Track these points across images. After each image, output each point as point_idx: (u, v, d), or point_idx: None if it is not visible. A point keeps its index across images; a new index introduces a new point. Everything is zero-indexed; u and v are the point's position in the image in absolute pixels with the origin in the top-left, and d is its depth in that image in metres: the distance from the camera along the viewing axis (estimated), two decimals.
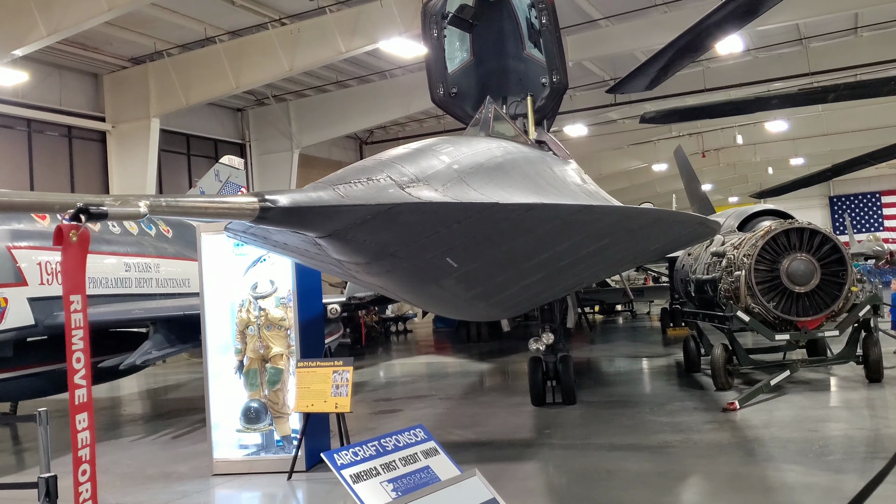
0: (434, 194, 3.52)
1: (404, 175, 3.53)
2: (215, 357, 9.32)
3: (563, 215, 3.92)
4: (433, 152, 3.95)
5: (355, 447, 3.12)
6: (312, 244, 3.40)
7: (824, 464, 7.64)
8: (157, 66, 22.22)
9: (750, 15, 8.34)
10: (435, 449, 3.36)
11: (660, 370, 15.75)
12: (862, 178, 51.52)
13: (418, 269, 3.90)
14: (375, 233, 3.42)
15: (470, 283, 4.33)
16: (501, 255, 4.08)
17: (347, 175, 3.38)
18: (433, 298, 4.84)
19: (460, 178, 3.79)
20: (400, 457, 3.10)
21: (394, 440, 3.19)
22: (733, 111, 18.56)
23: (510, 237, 3.85)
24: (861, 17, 24.50)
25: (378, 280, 4.05)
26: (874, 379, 11.89)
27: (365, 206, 3.14)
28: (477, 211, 3.45)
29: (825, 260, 11.52)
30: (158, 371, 21.18)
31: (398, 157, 3.73)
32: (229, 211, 2.99)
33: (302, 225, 3.18)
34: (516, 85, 9.15)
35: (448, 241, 3.67)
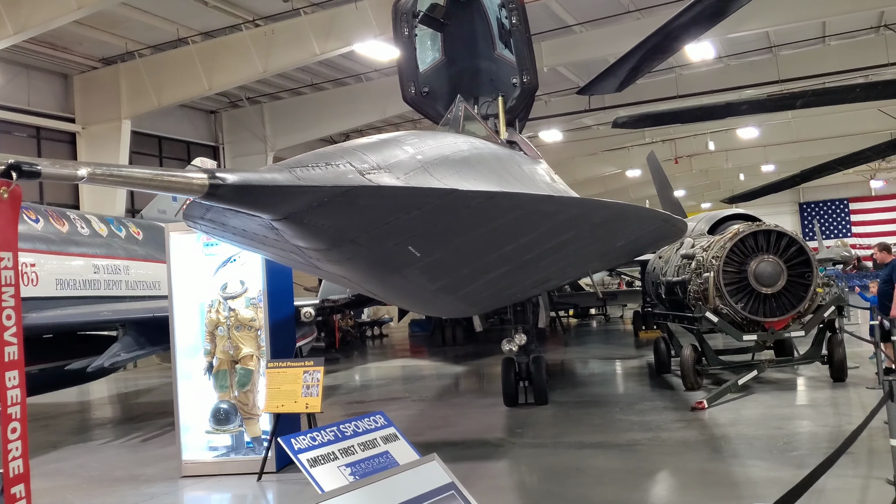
0: (395, 182, 3.51)
1: (365, 162, 3.51)
2: (184, 358, 9.26)
3: (525, 204, 3.95)
4: (397, 143, 3.96)
5: (313, 432, 3.12)
6: (270, 229, 3.39)
7: (788, 459, 7.77)
8: (128, 67, 21.99)
9: (717, 17, 8.47)
10: (395, 434, 3.37)
11: (631, 371, 15.87)
12: (831, 185, 52.36)
13: (380, 258, 3.90)
14: (333, 217, 3.40)
15: (434, 274, 4.34)
16: (464, 245, 4.09)
17: (306, 160, 3.36)
18: (398, 290, 4.85)
19: (424, 168, 3.80)
20: (359, 442, 3.11)
21: (353, 426, 3.20)
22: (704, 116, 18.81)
23: (472, 226, 3.87)
24: (829, 25, 24.92)
25: (340, 269, 4.05)
26: (838, 378, 12.09)
27: (321, 188, 3.12)
28: (437, 197, 3.45)
29: (791, 262, 11.70)
30: (129, 375, 20.98)
31: (360, 146, 3.72)
32: (177, 184, 2.91)
33: (254, 205, 3.14)
34: (487, 85, 9.21)
35: (409, 228, 3.66)
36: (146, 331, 12.01)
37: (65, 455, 10.60)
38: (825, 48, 26.69)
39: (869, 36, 25.69)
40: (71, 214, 13.71)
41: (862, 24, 24.96)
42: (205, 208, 3.34)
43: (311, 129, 27.21)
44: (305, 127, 27.04)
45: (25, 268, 11.78)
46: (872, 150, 25.96)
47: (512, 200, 3.85)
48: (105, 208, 19.43)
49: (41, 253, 12.17)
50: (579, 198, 4.79)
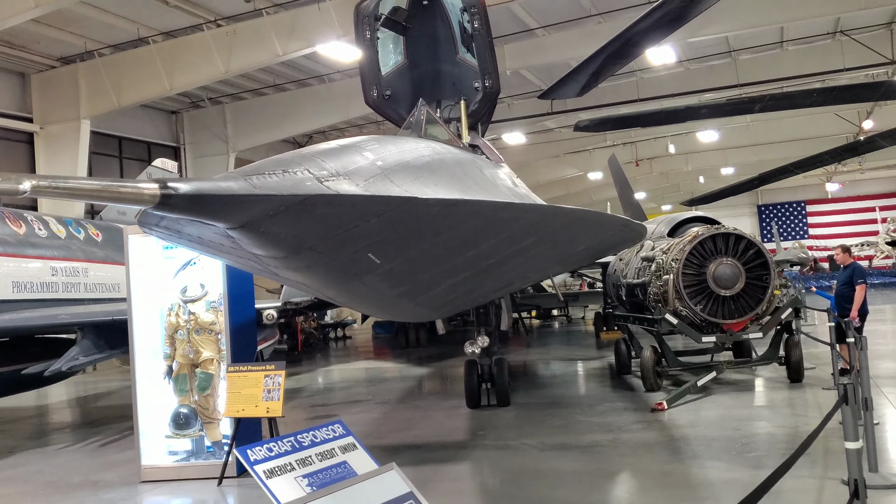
0: (354, 189, 3.48)
1: (324, 169, 3.48)
2: (144, 362, 9.14)
3: (485, 212, 3.96)
4: (357, 149, 3.94)
5: (270, 443, 3.10)
6: (226, 237, 3.35)
7: (745, 460, 7.90)
8: (87, 67, 21.59)
9: (676, 23, 8.59)
10: (353, 444, 3.36)
11: (592, 372, 16.02)
12: (788, 188, 53.38)
13: (339, 265, 3.88)
14: (290, 225, 3.37)
15: (394, 280, 4.34)
16: (424, 253, 4.09)
17: (263, 167, 3.32)
18: (358, 296, 4.83)
19: (384, 174, 3.78)
20: (316, 452, 3.10)
21: (311, 436, 3.18)
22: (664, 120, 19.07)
23: (432, 233, 3.86)
24: (786, 31, 25.38)
25: (299, 276, 4.02)
26: (795, 379, 12.33)
27: (277, 197, 3.08)
28: (396, 205, 3.43)
29: (749, 264, 11.92)
30: (88, 378, 20.64)
31: (319, 152, 3.69)
32: (126, 195, 2.82)
33: (208, 214, 3.09)
34: (450, 88, 9.23)
35: (368, 236, 3.64)
36: (105, 334, 11.81)
37: (21, 461, 10.40)
38: (783, 53, 27.17)
39: (825, 41, 26.23)
40: (28, 216, 13.46)
41: (819, 30, 25.48)
42: (159, 216, 3.29)
43: (273, 130, 26.99)
44: (268, 128, 26.81)
45: None
46: (829, 154, 26.59)
47: (472, 207, 3.86)
48: (64, 210, 19.05)
49: None
50: (539, 204, 4.82)
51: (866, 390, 7.15)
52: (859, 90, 20.50)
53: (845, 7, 21.61)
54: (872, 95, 19.99)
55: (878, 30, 25.04)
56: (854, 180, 54.17)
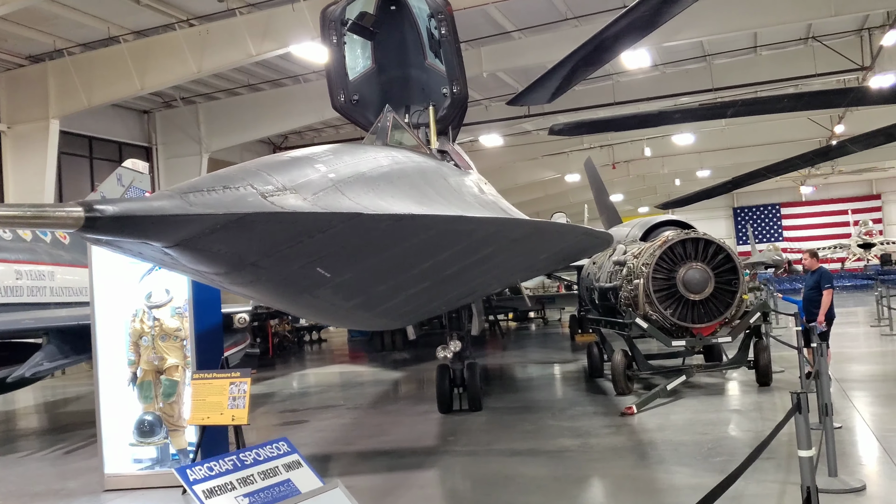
0: (301, 203, 3.40)
1: (269, 184, 3.39)
2: (108, 369, 9.01)
3: (437, 225, 3.90)
4: (309, 161, 3.86)
5: (211, 461, 3.03)
6: (164, 254, 3.28)
7: (711, 465, 7.92)
8: (56, 65, 21.32)
9: (649, 27, 8.59)
10: (297, 461, 3.30)
11: (565, 375, 16.04)
12: (763, 191, 53.92)
13: (286, 280, 3.80)
14: (229, 243, 3.29)
15: (347, 293, 4.28)
16: (377, 266, 4.02)
17: (203, 183, 3.23)
18: (311, 308, 4.76)
19: (335, 187, 3.70)
20: (259, 470, 3.04)
21: (254, 454, 3.12)
22: (639, 124, 19.14)
23: (382, 248, 3.80)
24: (760, 36, 25.62)
25: (244, 290, 3.96)
26: (764, 383, 12.41)
27: (212, 216, 3.01)
28: (340, 221, 3.37)
29: (719, 269, 11.99)
30: (56, 382, 20.34)
31: (266, 165, 3.60)
32: (49, 220, 2.74)
33: (139, 235, 3.01)
34: (418, 94, 9.19)
35: (315, 252, 3.57)
36: (70, 339, 11.64)
37: None
38: (757, 58, 27.45)
39: (798, 47, 26.53)
40: None
41: (791, 36, 25.77)
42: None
43: (247, 130, 26.80)
44: (241, 128, 26.62)
45: None
46: (801, 159, 26.76)
47: (422, 221, 3.81)
48: None
49: None
50: (494, 217, 4.78)
51: (826, 396, 7.18)
52: (830, 96, 20.68)
53: (816, 14, 21.87)
54: (843, 101, 20.17)
55: (849, 36, 25.40)
56: (827, 183, 54.88)
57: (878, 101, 18.30)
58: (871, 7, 22.29)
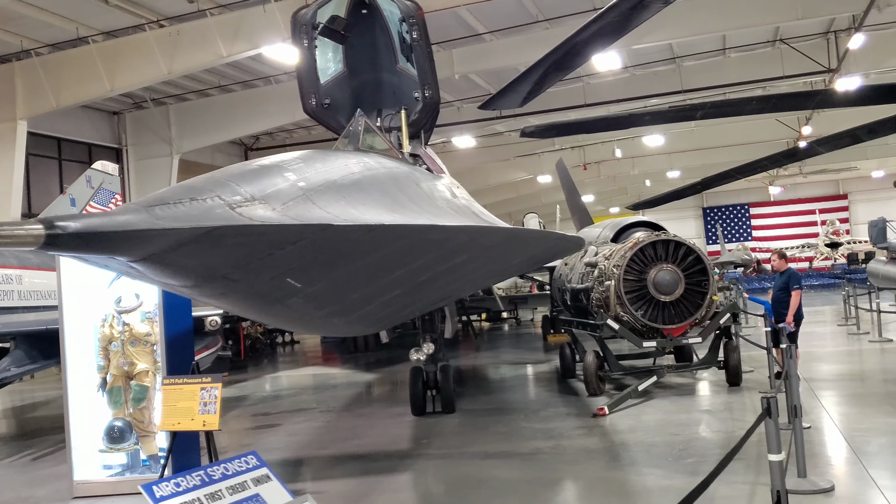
0: (270, 214, 3.36)
1: (237, 194, 3.35)
2: (77, 374, 8.91)
3: (409, 234, 3.91)
4: (278, 169, 3.82)
5: (178, 477, 3.01)
6: (129, 267, 3.23)
7: (682, 466, 8.02)
8: (24, 66, 20.95)
9: (619, 32, 8.64)
10: (267, 475, 3.29)
11: (538, 376, 16.12)
12: (733, 191, 54.50)
13: (257, 291, 3.77)
14: (197, 256, 3.24)
15: (319, 302, 4.26)
16: (349, 275, 4.01)
17: (170, 195, 3.18)
18: (283, 317, 4.74)
19: (306, 196, 3.67)
20: (228, 485, 3.02)
21: (222, 468, 3.10)
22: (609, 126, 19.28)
23: (353, 258, 3.79)
24: (728, 39, 25.91)
25: (214, 301, 3.93)
26: (734, 383, 12.57)
27: (180, 230, 2.96)
28: (311, 233, 3.34)
29: (689, 270, 12.12)
30: (25, 386, 20.03)
31: (234, 175, 3.56)
32: (7, 240, 2.63)
33: (104, 250, 2.94)
34: (390, 98, 9.18)
35: (285, 263, 3.54)
36: (39, 344, 11.51)
37: None
38: (726, 60, 27.74)
39: (766, 50, 26.85)
40: None
41: (759, 38, 26.06)
42: None
43: (218, 131, 26.55)
44: (213, 129, 26.36)
45: None
46: (768, 160, 27.11)
47: (394, 231, 3.81)
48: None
49: None
50: (468, 226, 4.79)
51: (795, 397, 7.30)
52: (797, 98, 20.99)
53: (783, 17, 22.16)
54: (809, 103, 20.49)
55: (816, 39, 25.76)
56: (795, 184, 55.61)
57: (845, 103, 18.57)
58: (836, 10, 22.64)
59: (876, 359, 15.79)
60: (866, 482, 7.12)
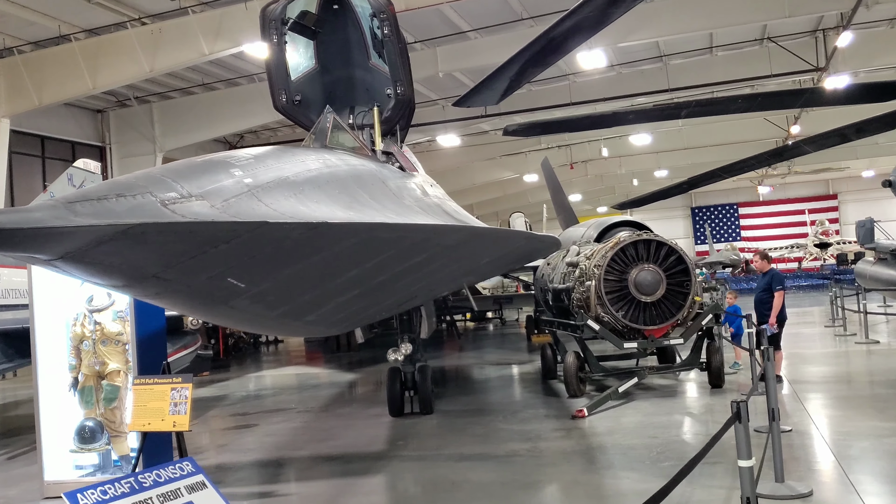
0: (207, 211, 3.21)
1: (172, 191, 3.20)
2: (49, 373, 8.77)
3: (357, 233, 3.77)
4: (224, 165, 3.68)
5: (106, 485, 2.89)
6: (50, 265, 3.09)
7: (658, 470, 7.91)
8: (6, 64, 20.76)
9: (597, 26, 8.50)
10: (202, 483, 3.18)
11: (520, 377, 16.02)
12: (721, 191, 54.60)
13: (195, 291, 3.62)
14: (121, 255, 3.07)
15: (269, 303, 4.12)
16: (296, 275, 3.86)
17: (95, 191, 3.03)
18: (231, 318, 4.61)
19: (251, 193, 3.52)
20: (159, 493, 2.91)
21: (154, 475, 2.99)
22: (592, 125, 19.19)
23: (299, 256, 3.64)
24: (716, 37, 25.88)
25: (151, 300, 3.80)
26: (716, 385, 12.49)
27: (96, 228, 2.80)
28: (245, 230, 3.22)
29: (671, 271, 12.03)
30: (7, 385, 19.87)
31: (172, 171, 3.42)
32: None
33: (14, 248, 2.79)
34: (363, 95, 9.05)
35: (222, 262, 3.38)
36: (14, 342, 11.36)
37: None
38: (713, 58, 27.71)
39: (754, 48, 26.82)
40: None
41: (747, 37, 26.03)
42: None
43: (202, 129, 26.41)
44: (196, 127, 26.22)
45: None
46: (757, 159, 27.05)
47: (340, 229, 3.67)
48: None
49: None
50: (422, 224, 4.66)
51: (773, 401, 7.21)
52: (784, 97, 20.90)
53: (771, 15, 22.13)
54: (796, 102, 20.39)
55: (804, 37, 25.74)
56: (784, 183, 55.72)
57: (833, 101, 18.56)
58: (824, 8, 22.62)
59: (862, 361, 15.74)
60: (847, 487, 6.99)
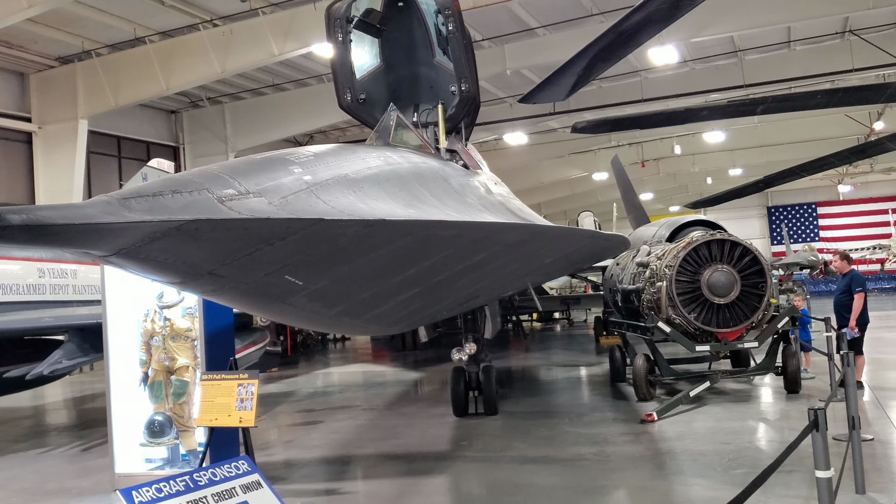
0: (265, 208, 3.16)
1: (230, 188, 3.15)
2: (120, 368, 8.98)
3: (415, 230, 3.68)
4: (284, 163, 3.63)
5: (161, 482, 2.87)
6: (105, 261, 3.08)
7: (730, 477, 7.62)
8: (85, 66, 21.55)
9: (667, 19, 8.27)
10: (258, 482, 3.13)
11: (587, 379, 15.74)
12: (799, 190, 52.86)
13: (253, 289, 3.56)
14: (176, 252, 3.04)
15: (327, 300, 4.06)
16: (354, 273, 3.79)
17: (150, 188, 2.99)
18: (292, 315, 4.57)
19: (310, 190, 3.48)
20: (214, 492, 2.87)
21: (209, 474, 2.96)
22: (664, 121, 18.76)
23: (356, 253, 3.57)
24: (794, 30, 25.00)
25: (209, 297, 3.78)
26: (792, 390, 12.02)
27: (148, 224, 2.76)
28: (301, 227, 3.16)
29: (745, 272, 11.61)
30: (85, 378, 20.55)
31: (230, 168, 3.38)
32: None
33: (65, 244, 2.76)
34: (427, 92, 8.97)
35: (279, 259, 3.34)
36: (90, 337, 11.66)
37: (0, 465, 10.28)
38: (791, 53, 26.78)
39: (834, 41, 25.82)
40: None
41: (827, 30, 25.07)
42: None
43: (272, 129, 26.88)
44: (267, 128, 26.70)
45: None
46: (836, 157, 26.16)
47: (396, 227, 3.58)
48: None
49: None
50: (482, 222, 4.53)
51: (853, 408, 6.85)
52: (866, 91, 20.09)
53: (853, 7, 21.25)
54: (879, 97, 19.58)
55: (888, 29, 24.60)
56: (866, 182, 53.61)
57: None
58: None
59: None
60: None
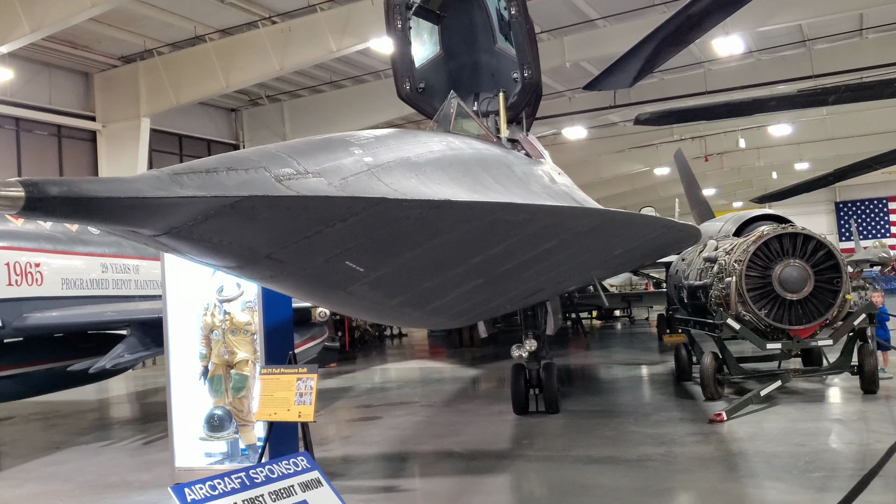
0: (323, 188, 2.97)
1: (288, 167, 2.97)
2: (180, 362, 8.99)
3: (482, 214, 3.45)
4: (344, 144, 3.45)
5: (216, 479, 2.72)
6: (155, 241, 2.92)
7: (808, 481, 7.23)
8: (147, 65, 21.94)
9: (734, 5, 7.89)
10: (318, 480, 2.96)
11: (651, 378, 15.33)
12: (869, 184, 51.05)
13: (312, 275, 3.38)
14: (231, 232, 2.86)
15: (388, 289, 3.87)
16: (418, 258, 3.58)
17: (204, 164, 2.80)
18: (352, 305, 4.40)
19: (371, 172, 3.29)
20: (271, 490, 2.71)
21: (266, 471, 2.80)
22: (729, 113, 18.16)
23: (421, 237, 3.36)
24: (866, 17, 24.04)
25: (267, 284, 3.62)
26: (869, 390, 11.44)
27: (201, 200, 2.58)
28: (363, 207, 2.97)
29: (819, 266, 11.11)
30: (148, 373, 20.93)
31: (289, 148, 3.20)
32: None
33: (107, 219, 2.57)
34: (488, 80, 8.73)
35: (340, 243, 3.13)
36: (151, 331, 11.78)
37: (65, 457, 10.44)
38: (862, 41, 25.78)
39: None
40: None
41: None
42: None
43: (330, 126, 26.97)
44: (325, 125, 26.83)
45: (30, 267, 11.69)
46: None
47: (463, 209, 3.36)
48: None
49: (46, 252, 12.06)
50: (552, 205, 4.28)
51: None
52: None
53: None
54: None
55: None
56: None
57: None
58: None
59: None
60: None
